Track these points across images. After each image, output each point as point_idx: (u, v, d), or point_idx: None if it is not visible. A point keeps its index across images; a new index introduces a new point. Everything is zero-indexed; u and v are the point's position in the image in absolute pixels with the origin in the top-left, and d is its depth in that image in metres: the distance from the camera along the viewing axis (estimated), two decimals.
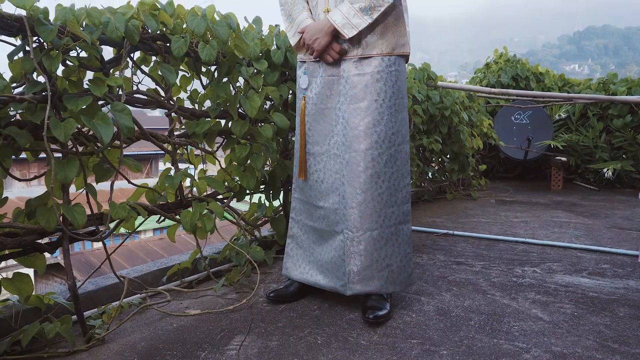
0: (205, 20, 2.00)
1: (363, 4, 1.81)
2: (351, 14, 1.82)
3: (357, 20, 1.81)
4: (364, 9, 1.81)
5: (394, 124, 1.90)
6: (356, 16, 1.81)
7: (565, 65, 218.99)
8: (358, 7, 1.81)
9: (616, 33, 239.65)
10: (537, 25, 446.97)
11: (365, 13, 1.81)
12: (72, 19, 1.62)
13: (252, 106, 2.18)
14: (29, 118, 1.52)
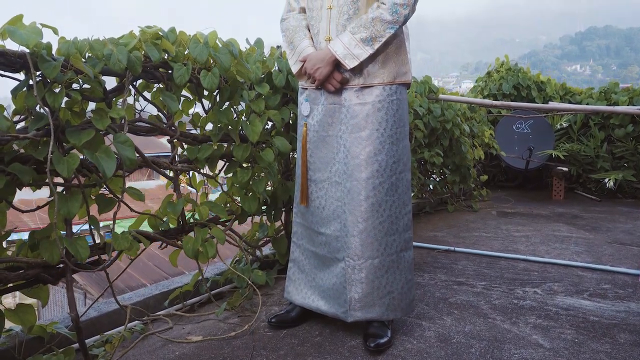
0: (208, 47, 2.01)
1: (364, 35, 1.81)
2: (352, 45, 1.83)
3: (358, 51, 1.82)
4: (365, 39, 1.82)
5: (395, 153, 1.91)
6: (357, 47, 1.82)
7: (567, 66, 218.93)
8: (359, 38, 1.82)
9: (618, 34, 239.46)
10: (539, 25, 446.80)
11: (366, 44, 1.82)
12: (75, 52, 1.63)
13: (254, 131, 2.19)
14: (32, 153, 1.53)
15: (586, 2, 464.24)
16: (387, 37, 1.82)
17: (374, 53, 1.83)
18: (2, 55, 1.48)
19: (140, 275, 5.90)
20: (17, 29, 1.44)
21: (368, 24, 1.81)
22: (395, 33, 1.85)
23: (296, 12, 2.08)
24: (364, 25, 1.82)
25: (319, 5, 1.95)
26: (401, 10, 1.81)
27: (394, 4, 1.81)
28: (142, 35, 1.90)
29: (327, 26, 1.93)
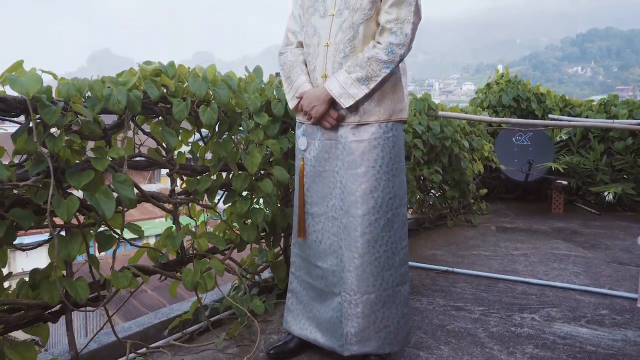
0: (206, 82, 2.03)
1: (360, 74, 1.83)
2: (348, 84, 1.84)
3: (354, 90, 1.84)
4: (360, 79, 1.83)
5: (391, 189, 1.93)
6: (353, 86, 1.84)
7: (568, 68, 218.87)
8: (355, 77, 1.83)
9: (619, 35, 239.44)
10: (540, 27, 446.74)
11: (362, 83, 1.83)
12: (75, 94, 1.65)
13: (253, 162, 2.21)
14: (32, 197, 1.54)
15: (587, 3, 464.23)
16: (383, 76, 1.83)
17: (370, 92, 1.85)
18: (3, 101, 1.50)
19: (139, 301, 5.89)
20: (17, 77, 1.46)
21: (364, 64, 1.83)
22: (391, 72, 1.86)
23: (294, 46, 2.10)
24: (359, 65, 1.83)
25: (316, 41, 1.97)
26: (397, 50, 1.83)
27: (390, 44, 1.82)
28: (142, 71, 1.91)
29: (323, 63, 1.94)
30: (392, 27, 1.83)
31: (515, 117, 6.45)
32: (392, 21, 1.83)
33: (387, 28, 1.84)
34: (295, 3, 2.11)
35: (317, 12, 1.98)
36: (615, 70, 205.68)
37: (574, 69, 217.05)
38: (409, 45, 1.87)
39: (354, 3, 1.88)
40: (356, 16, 1.87)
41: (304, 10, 2.04)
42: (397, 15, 1.83)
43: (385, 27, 1.84)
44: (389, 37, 1.83)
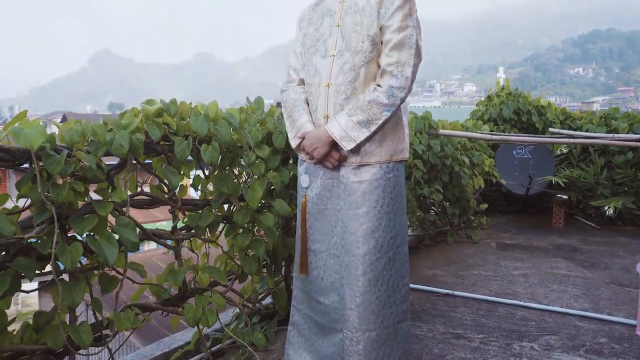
0: (208, 120, 2.05)
1: (361, 117, 1.85)
2: (349, 127, 1.86)
3: (355, 134, 1.86)
4: (361, 122, 1.85)
5: (393, 228, 1.94)
6: (354, 129, 1.85)
7: (570, 69, 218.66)
8: (356, 120, 1.85)
9: (621, 36, 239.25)
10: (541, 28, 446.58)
11: (363, 126, 1.85)
12: (79, 140, 1.67)
13: (254, 197, 2.23)
14: (36, 247, 1.56)
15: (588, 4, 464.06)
16: (384, 119, 1.85)
17: (371, 135, 1.87)
18: (7, 152, 1.52)
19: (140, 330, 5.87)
20: (22, 130, 1.48)
21: (365, 107, 1.85)
22: (392, 114, 1.88)
23: (295, 83, 2.12)
24: (360, 108, 1.85)
25: (317, 82, 1.99)
26: (398, 93, 1.85)
27: (391, 87, 1.84)
28: (144, 112, 1.93)
29: (325, 103, 1.96)
30: (393, 70, 1.85)
31: (516, 129, 6.47)
32: (393, 64, 1.85)
33: (388, 71, 1.86)
34: (297, 41, 2.13)
35: (318, 52, 2.00)
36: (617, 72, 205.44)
37: (576, 70, 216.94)
38: (410, 87, 1.89)
39: (355, 45, 1.90)
40: (357, 58, 1.89)
41: (305, 49, 2.06)
42: (397, 58, 1.85)
43: (386, 70, 1.86)
44: (389, 80, 1.85)
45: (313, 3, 2.13)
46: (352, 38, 1.91)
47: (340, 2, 2.00)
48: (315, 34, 2.03)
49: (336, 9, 2.01)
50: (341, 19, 1.97)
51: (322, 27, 2.02)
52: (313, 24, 2.06)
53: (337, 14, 1.99)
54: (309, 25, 2.08)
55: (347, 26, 1.94)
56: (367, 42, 1.88)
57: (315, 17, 2.07)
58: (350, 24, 1.93)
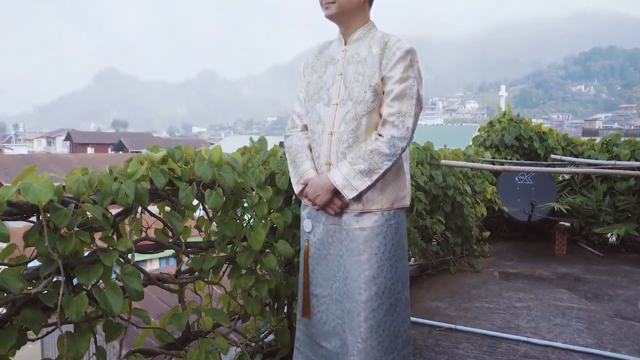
0: (212, 166, 2.08)
1: (362, 167, 1.88)
2: (351, 176, 1.89)
3: (357, 182, 1.89)
4: (363, 171, 1.88)
5: (394, 274, 1.96)
6: (356, 178, 1.88)
7: (572, 86, 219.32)
8: (358, 169, 1.88)
9: (622, 54, 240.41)
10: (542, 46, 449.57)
11: (364, 175, 1.88)
12: (85, 191, 1.71)
13: (257, 239, 2.25)
14: (42, 299, 1.58)
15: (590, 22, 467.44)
16: (385, 169, 1.88)
17: (372, 184, 1.90)
18: (16, 206, 1.55)
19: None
20: (30, 185, 1.51)
21: (366, 156, 1.88)
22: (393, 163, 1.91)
23: (299, 129, 2.16)
24: (362, 157, 1.88)
25: (320, 129, 2.02)
26: (399, 143, 1.88)
27: (392, 137, 1.87)
28: (149, 158, 1.97)
29: (327, 151, 1.99)
30: (394, 120, 1.88)
31: (518, 155, 6.50)
32: (394, 114, 1.89)
33: (389, 121, 1.89)
34: (301, 87, 2.17)
35: (321, 100, 2.04)
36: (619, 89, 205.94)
37: (578, 87, 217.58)
38: (411, 136, 1.92)
39: (357, 95, 1.93)
40: (359, 108, 1.93)
41: (309, 96, 2.10)
42: (399, 108, 1.89)
43: (387, 120, 1.90)
44: (391, 130, 1.88)
45: (317, 50, 2.18)
46: (354, 88, 1.95)
47: (343, 51, 2.05)
48: (319, 82, 2.07)
49: (339, 57, 2.05)
50: (344, 67, 2.01)
51: (326, 75, 2.06)
52: (317, 72, 2.10)
53: (339, 63, 2.04)
54: (312, 72, 2.12)
55: (349, 75, 1.98)
56: (369, 93, 1.92)
57: (318, 65, 2.11)
58: (352, 73, 1.97)
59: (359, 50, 2.00)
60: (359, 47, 2.01)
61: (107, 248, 1.80)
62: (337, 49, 2.08)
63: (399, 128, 1.88)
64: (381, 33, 2.01)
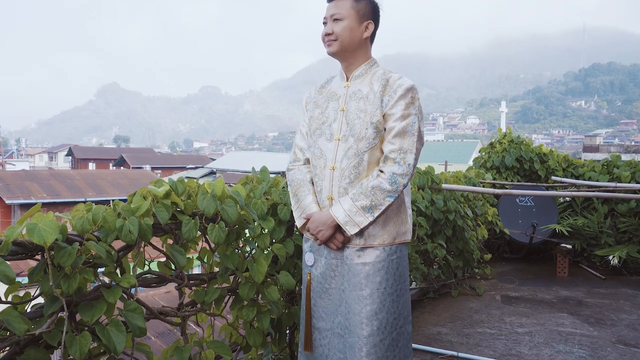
0: (215, 200, 2.10)
1: (364, 203, 1.90)
2: (353, 212, 1.91)
3: (359, 219, 1.90)
4: (365, 207, 1.90)
5: (396, 309, 1.97)
6: (358, 214, 1.90)
7: (572, 102, 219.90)
8: (360, 205, 1.90)
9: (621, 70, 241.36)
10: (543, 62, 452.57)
11: (366, 211, 1.90)
12: (89, 229, 1.72)
13: (259, 271, 2.26)
14: (46, 339, 1.59)
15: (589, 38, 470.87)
16: (387, 205, 1.90)
17: (374, 220, 1.91)
18: (21, 246, 1.57)
19: None
20: (35, 226, 1.53)
21: (368, 193, 1.90)
22: (394, 199, 1.93)
23: (301, 163, 2.18)
24: (364, 193, 1.90)
25: (322, 164, 2.05)
26: (400, 179, 1.90)
27: (393, 174, 1.90)
28: (153, 193, 1.99)
29: (329, 186, 2.02)
30: (396, 157, 1.91)
31: (519, 177, 6.52)
32: (396, 151, 1.91)
33: (391, 158, 1.92)
34: (303, 121, 2.20)
35: (323, 135, 2.06)
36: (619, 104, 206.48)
37: (578, 103, 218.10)
38: (412, 173, 1.95)
39: (359, 132, 1.96)
40: (361, 144, 1.96)
41: (311, 131, 2.12)
42: (400, 145, 1.92)
43: (389, 157, 1.92)
44: (392, 167, 1.91)
45: (319, 85, 2.21)
46: (356, 124, 1.97)
47: (345, 87, 2.08)
48: (321, 117, 2.10)
49: (341, 93, 2.08)
50: (346, 103, 2.04)
51: (328, 110, 2.09)
52: (319, 107, 2.13)
53: (342, 99, 2.07)
54: (315, 107, 2.15)
55: (351, 112, 2.01)
56: (371, 130, 1.94)
57: (321, 100, 2.14)
58: (354, 110, 2.00)
59: (360, 87, 2.03)
60: (360, 84, 2.04)
61: (110, 284, 1.81)
62: (339, 84, 2.11)
63: (401, 165, 1.91)
64: (382, 70, 2.05)
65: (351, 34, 1.99)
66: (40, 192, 26.18)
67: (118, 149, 73.61)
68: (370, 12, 2.03)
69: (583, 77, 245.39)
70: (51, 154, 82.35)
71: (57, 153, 78.79)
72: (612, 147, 46.65)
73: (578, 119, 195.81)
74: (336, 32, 1.99)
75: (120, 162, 56.13)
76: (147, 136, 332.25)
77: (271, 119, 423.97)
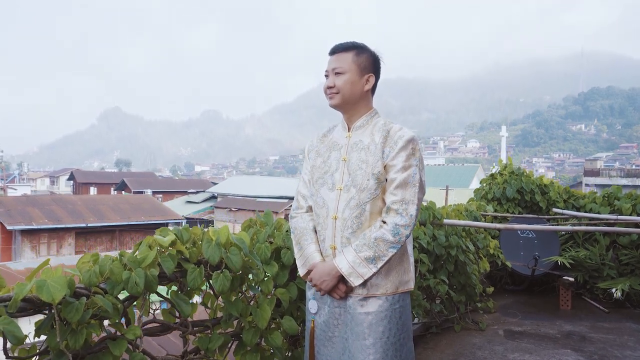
0: (220, 247, 2.13)
1: (368, 254, 1.92)
2: (357, 263, 1.93)
3: (362, 270, 1.93)
4: (368, 258, 1.92)
5: (399, 358, 1.98)
6: (362, 265, 1.93)
7: (572, 126, 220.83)
8: (363, 257, 1.93)
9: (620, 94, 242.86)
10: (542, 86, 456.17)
11: (370, 262, 1.92)
12: (97, 282, 1.74)
13: (263, 317, 2.28)
14: None
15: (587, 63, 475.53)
16: (390, 256, 1.93)
17: (377, 271, 1.94)
18: (30, 302, 1.59)
19: None
20: (44, 283, 1.55)
21: (371, 244, 1.92)
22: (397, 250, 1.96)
23: (304, 210, 2.21)
24: (367, 245, 1.93)
25: (325, 213, 2.08)
26: (403, 230, 1.93)
27: (396, 225, 1.93)
28: (159, 242, 2.01)
29: (332, 235, 2.04)
30: (398, 208, 1.94)
31: (520, 208, 6.54)
32: (398, 202, 1.95)
33: (393, 209, 1.95)
34: (305, 169, 2.24)
35: (325, 184, 2.10)
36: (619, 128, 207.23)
37: (578, 126, 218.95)
38: (414, 223, 1.98)
39: (360, 182, 2.00)
40: (363, 195, 1.99)
41: (313, 180, 2.16)
42: (402, 196, 1.95)
43: (391, 208, 1.96)
44: (395, 218, 1.94)
45: (321, 134, 2.26)
46: (358, 175, 2.01)
47: (347, 137, 2.12)
48: (323, 167, 2.13)
49: (343, 143, 2.12)
50: (348, 154, 2.08)
51: (330, 160, 2.13)
52: (321, 156, 2.17)
53: (343, 149, 2.11)
54: (317, 156, 2.19)
55: (353, 162, 2.05)
56: (372, 181, 1.98)
57: (323, 149, 2.18)
58: (356, 160, 2.04)
59: (362, 138, 2.08)
60: (362, 135, 2.08)
61: (116, 335, 1.83)
62: (341, 135, 2.16)
63: (403, 216, 1.94)
64: (383, 121, 2.09)
65: (352, 87, 2.05)
66: (41, 218, 26.19)
67: (119, 173, 73.85)
68: (371, 65, 2.09)
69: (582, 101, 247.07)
70: (53, 178, 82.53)
71: (59, 177, 78.99)
72: (613, 170, 46.64)
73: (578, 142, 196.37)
74: (338, 85, 2.04)
75: (122, 187, 56.26)
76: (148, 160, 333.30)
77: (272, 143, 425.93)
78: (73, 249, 26.99)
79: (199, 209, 44.11)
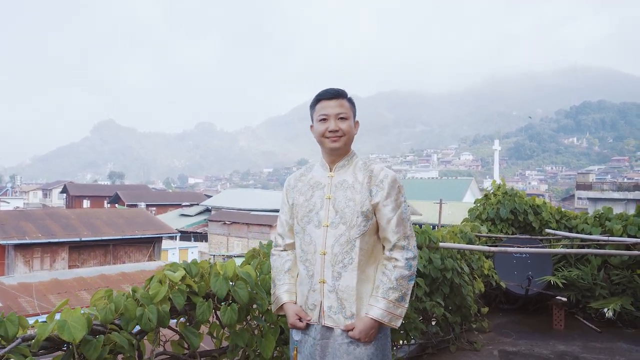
0: (227, 281, 2.22)
1: (396, 295, 2.08)
2: (391, 308, 2.07)
3: (399, 311, 2.10)
4: (398, 298, 2.09)
5: None
6: (396, 307, 2.09)
7: (564, 139, 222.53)
8: (394, 299, 2.08)
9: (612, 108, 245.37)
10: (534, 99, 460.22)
11: (401, 301, 2.10)
12: (112, 319, 1.83)
13: (268, 347, 2.37)
14: None
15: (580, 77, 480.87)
16: (411, 288, 2.09)
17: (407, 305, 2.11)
18: (50, 340, 1.68)
19: None
20: (65, 323, 1.64)
21: (395, 285, 2.07)
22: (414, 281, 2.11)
23: (281, 248, 2.31)
24: (392, 287, 2.07)
25: (312, 249, 2.18)
26: (413, 262, 2.09)
27: (407, 260, 2.08)
28: (169, 277, 2.10)
29: (320, 270, 2.15)
30: (404, 244, 2.09)
31: (514, 228, 6.67)
32: (402, 239, 2.09)
33: (400, 246, 2.09)
34: (283, 210, 2.33)
35: (311, 222, 2.20)
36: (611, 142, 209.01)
37: (570, 140, 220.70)
38: (417, 253, 2.14)
39: (349, 219, 2.11)
40: (352, 232, 2.11)
41: (298, 218, 2.25)
42: (404, 232, 2.09)
43: (397, 245, 2.09)
44: (404, 254, 2.09)
45: (298, 173, 2.36)
46: (346, 212, 2.13)
47: (329, 177, 2.23)
48: (307, 205, 2.23)
49: (325, 182, 2.23)
50: (332, 192, 2.19)
51: (313, 198, 2.23)
52: (303, 195, 2.27)
53: (327, 187, 2.22)
54: (299, 195, 2.28)
55: (339, 200, 2.16)
56: (361, 218, 2.11)
57: (304, 188, 2.28)
58: (342, 198, 2.15)
59: (345, 177, 2.20)
60: (344, 174, 2.21)
61: None
62: (322, 174, 2.26)
63: (410, 250, 2.09)
64: (362, 161, 2.23)
65: (351, 131, 2.20)
66: (35, 232, 26.05)
67: (113, 186, 73.71)
68: (355, 112, 2.24)
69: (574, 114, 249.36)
70: (45, 191, 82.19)
71: (52, 190, 78.66)
72: (605, 184, 46.94)
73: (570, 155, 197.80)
74: (343, 129, 2.16)
75: (115, 200, 56.12)
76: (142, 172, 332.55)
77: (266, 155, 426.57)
78: (67, 263, 26.83)
79: (193, 222, 44.07)
